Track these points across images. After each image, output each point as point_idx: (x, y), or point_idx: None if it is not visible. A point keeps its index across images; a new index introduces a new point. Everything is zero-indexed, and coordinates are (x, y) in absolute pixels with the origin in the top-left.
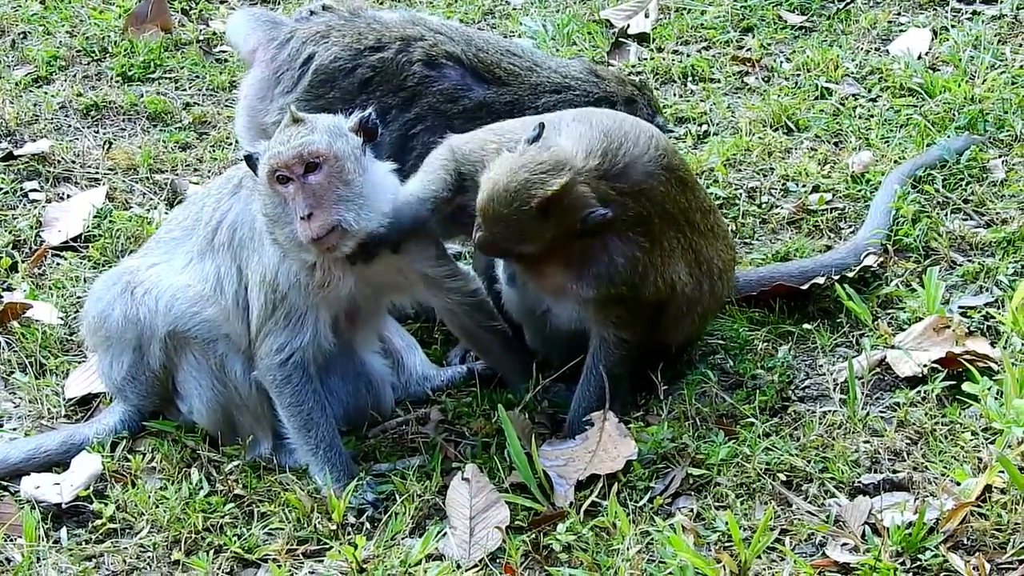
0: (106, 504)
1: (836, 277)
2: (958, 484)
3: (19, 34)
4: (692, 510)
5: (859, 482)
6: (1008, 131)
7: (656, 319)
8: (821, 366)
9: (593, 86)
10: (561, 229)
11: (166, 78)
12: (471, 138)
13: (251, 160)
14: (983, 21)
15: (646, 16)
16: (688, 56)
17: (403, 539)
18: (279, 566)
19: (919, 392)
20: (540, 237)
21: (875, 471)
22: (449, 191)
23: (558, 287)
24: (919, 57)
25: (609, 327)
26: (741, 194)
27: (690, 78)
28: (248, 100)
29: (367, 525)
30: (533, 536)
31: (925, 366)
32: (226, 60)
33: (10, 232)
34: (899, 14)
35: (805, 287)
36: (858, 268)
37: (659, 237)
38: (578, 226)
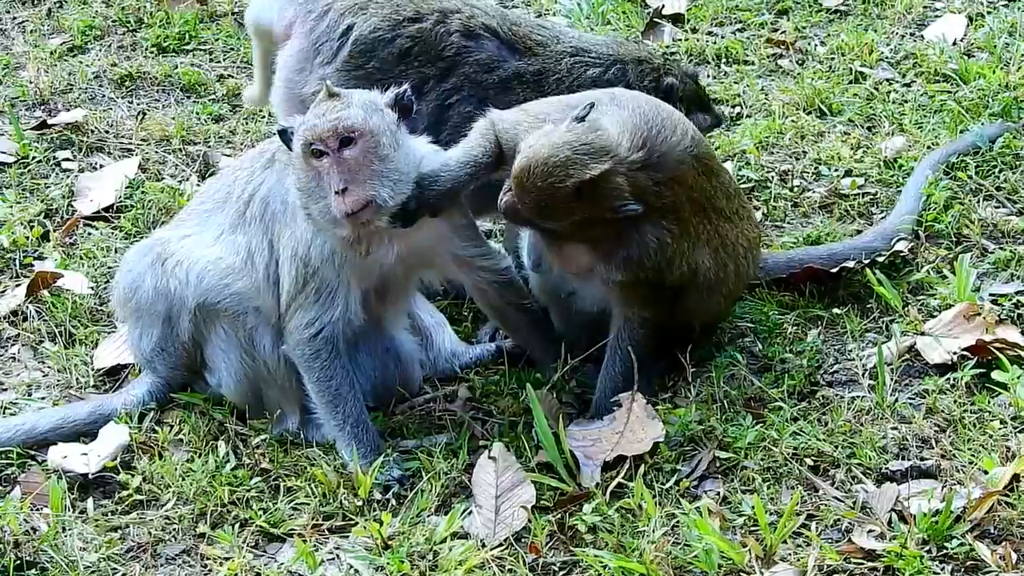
0: (132, 475)
1: (866, 262)
2: (986, 472)
3: (55, 3)
4: (719, 493)
5: (886, 468)
6: None
7: (677, 299)
8: (850, 351)
9: (608, 48)
10: (590, 214)
11: (200, 50)
12: (508, 115)
13: (285, 134)
14: (1019, 8)
15: None
16: (722, 38)
17: (428, 516)
18: (304, 541)
19: (948, 379)
20: (567, 217)
21: (903, 458)
22: (488, 157)
23: (584, 269)
24: (954, 43)
25: (633, 307)
26: (773, 177)
27: (724, 60)
28: (285, 72)
29: (393, 502)
30: (559, 516)
31: (955, 353)
32: None
33: (42, 201)
34: None
35: (835, 271)
36: (889, 253)
37: (687, 223)
38: (608, 215)
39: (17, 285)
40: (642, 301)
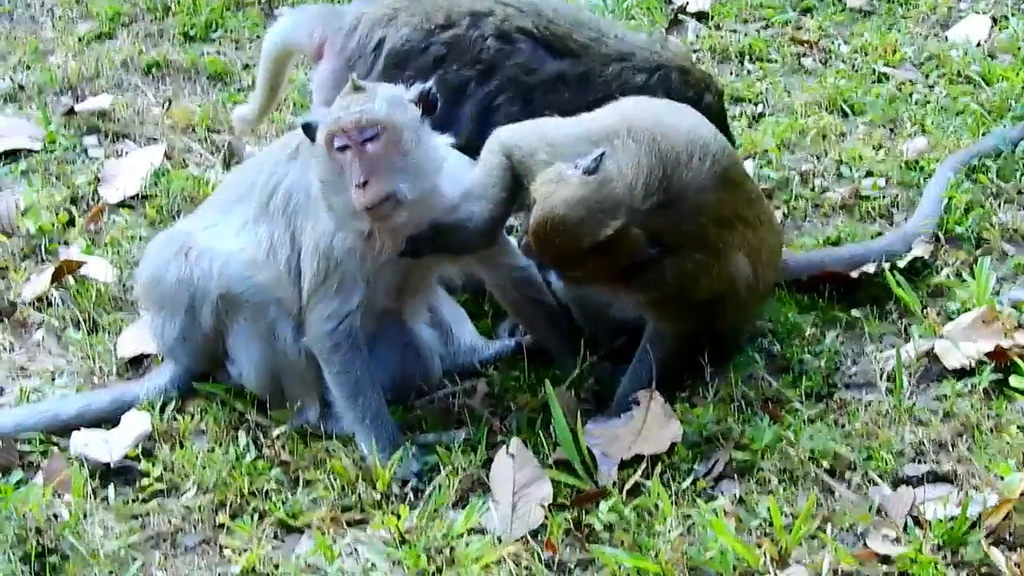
0: (153, 464)
1: (886, 265)
2: (1002, 479)
3: None
4: (735, 494)
5: (903, 472)
6: None
7: (714, 310)
8: (868, 354)
9: (651, 53)
10: (608, 263)
11: (227, 38)
12: (521, 137)
13: (309, 128)
14: None
15: None
16: (746, 35)
17: (446, 511)
18: (322, 533)
19: (966, 384)
20: (584, 267)
21: (919, 462)
22: (508, 204)
23: (609, 291)
24: (978, 44)
25: (666, 321)
26: (794, 176)
27: (747, 57)
28: (323, 93)
29: (411, 496)
30: (575, 514)
31: (973, 358)
32: None
33: (68, 187)
34: (959, 0)
35: (855, 274)
36: (909, 257)
37: (714, 243)
38: (626, 262)
39: (42, 271)
40: (674, 316)
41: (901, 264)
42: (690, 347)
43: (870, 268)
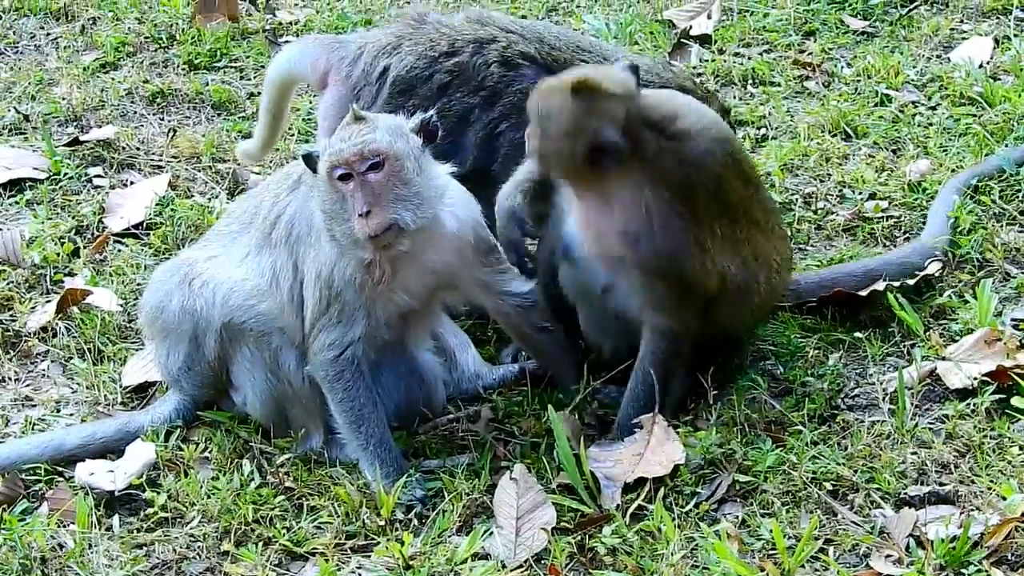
0: (158, 493)
1: (894, 285)
2: (1004, 499)
3: (88, 19)
4: (737, 517)
5: (905, 494)
6: None
7: (708, 311)
8: (871, 375)
9: (652, 75)
10: (584, 140)
11: (232, 67)
12: None
13: (310, 159)
14: None
15: (709, 17)
16: (749, 59)
17: (450, 537)
18: (327, 560)
19: (968, 405)
20: (567, 138)
21: (922, 483)
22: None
23: (607, 247)
24: (980, 66)
25: (659, 313)
26: (797, 199)
27: (750, 81)
28: (329, 122)
29: (415, 522)
30: (579, 538)
31: (975, 379)
32: None
33: (73, 217)
34: (962, 22)
35: (865, 293)
36: (921, 275)
37: (703, 217)
38: (591, 141)
39: (47, 301)
40: (665, 304)
41: (908, 284)
42: (685, 355)
43: (879, 286)
